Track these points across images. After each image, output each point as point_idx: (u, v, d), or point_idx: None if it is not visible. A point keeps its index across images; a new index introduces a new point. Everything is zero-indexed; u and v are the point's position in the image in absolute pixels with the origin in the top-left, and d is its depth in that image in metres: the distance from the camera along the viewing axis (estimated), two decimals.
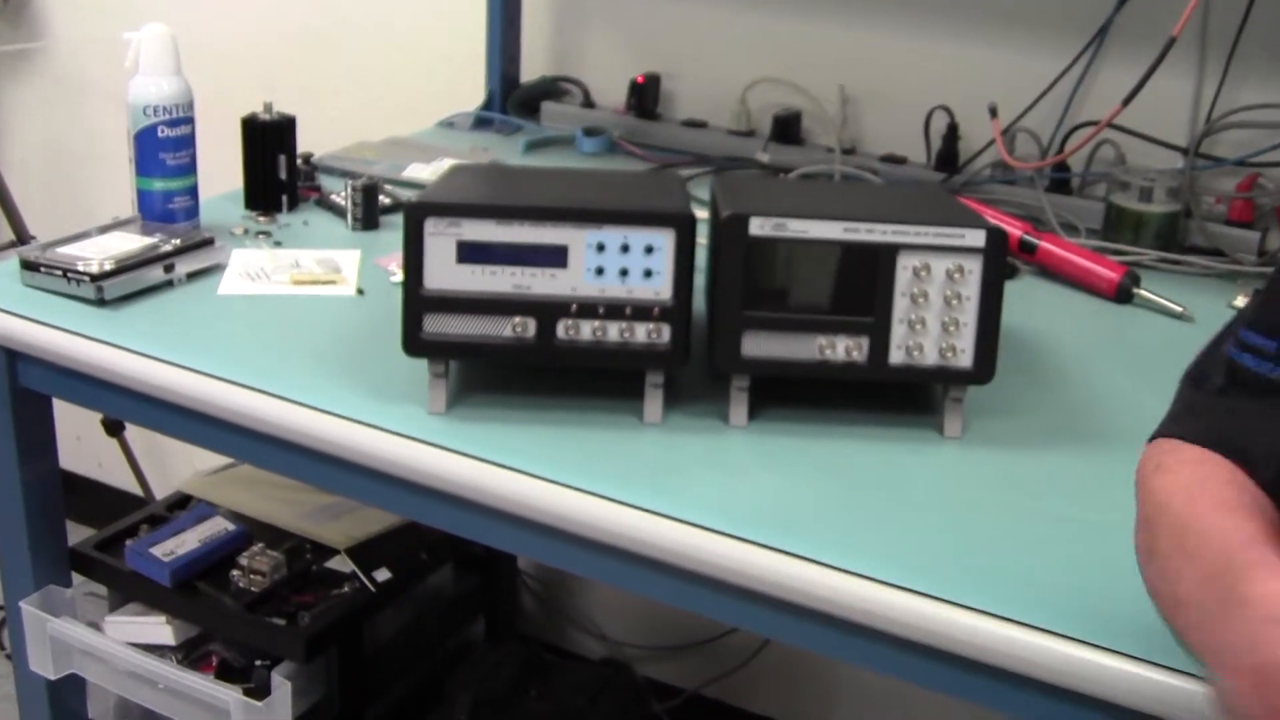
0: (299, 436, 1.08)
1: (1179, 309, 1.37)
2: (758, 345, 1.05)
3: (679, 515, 0.94)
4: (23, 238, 2.22)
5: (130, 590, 1.60)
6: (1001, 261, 1.04)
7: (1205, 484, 0.70)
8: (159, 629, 1.58)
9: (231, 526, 1.64)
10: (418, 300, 1.04)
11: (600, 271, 1.04)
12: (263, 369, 1.13)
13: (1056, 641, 0.83)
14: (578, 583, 2.19)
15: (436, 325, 1.04)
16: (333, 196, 1.56)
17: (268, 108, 1.53)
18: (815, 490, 0.99)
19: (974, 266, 1.03)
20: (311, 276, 1.34)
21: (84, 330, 1.19)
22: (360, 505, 1.68)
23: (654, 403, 1.07)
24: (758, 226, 1.03)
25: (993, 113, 1.64)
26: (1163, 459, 0.75)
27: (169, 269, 1.30)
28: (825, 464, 1.03)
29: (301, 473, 1.13)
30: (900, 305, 1.04)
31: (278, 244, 1.44)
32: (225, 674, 1.55)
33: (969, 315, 1.04)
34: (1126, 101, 1.53)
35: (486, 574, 1.91)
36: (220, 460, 1.81)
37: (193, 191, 1.42)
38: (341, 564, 1.65)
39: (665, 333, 1.04)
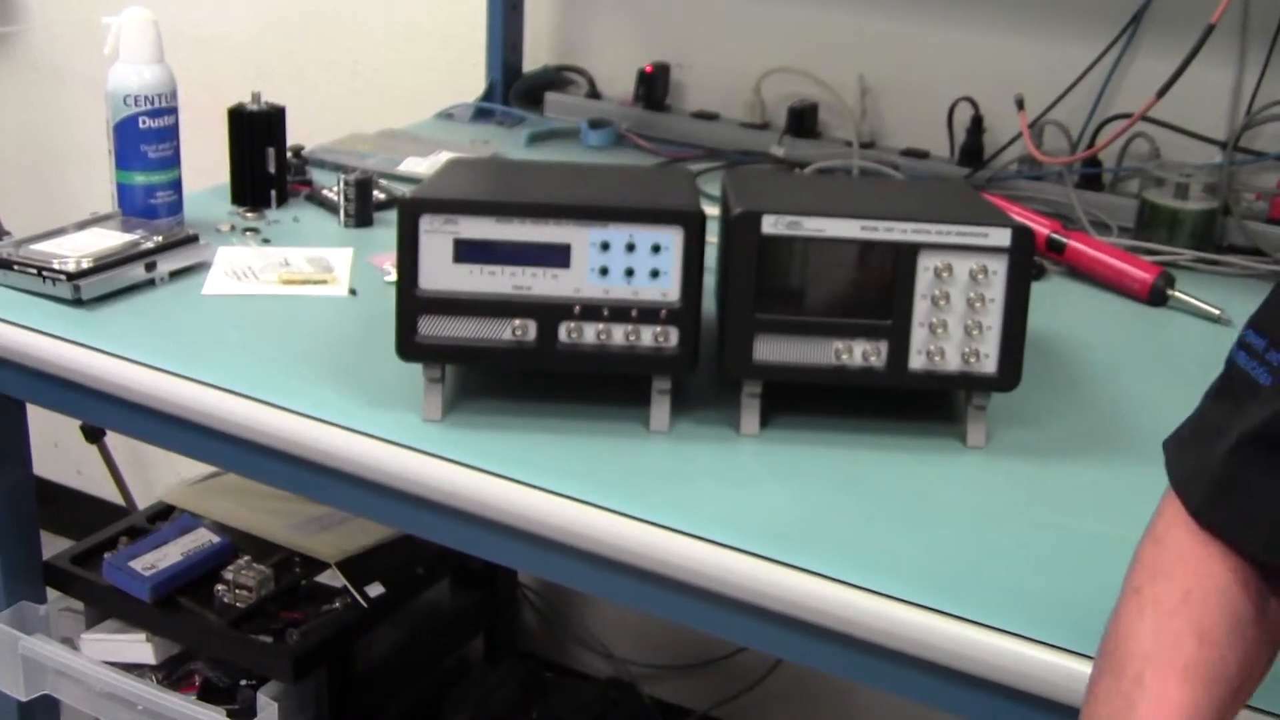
0: (288, 444, 1.08)
1: (1216, 312, 1.36)
2: (770, 350, 1.05)
3: (687, 529, 0.94)
4: None
5: (108, 606, 1.60)
6: (1028, 262, 1.03)
7: (1178, 638, 0.69)
8: (138, 647, 1.58)
9: (216, 539, 1.64)
10: (413, 301, 1.04)
11: (605, 272, 1.04)
12: (249, 373, 1.13)
13: (1084, 664, 0.83)
14: (581, 598, 2.19)
15: (432, 328, 1.04)
16: (324, 191, 1.57)
17: (256, 97, 1.53)
18: (830, 503, 0.99)
19: (999, 267, 1.03)
20: (301, 276, 1.34)
21: (60, 332, 1.20)
22: (352, 517, 1.69)
23: (661, 410, 1.07)
24: (771, 224, 1.03)
25: (1020, 104, 1.64)
26: (1163, 536, 0.75)
27: (150, 267, 1.30)
28: (841, 475, 1.03)
29: (290, 482, 1.13)
30: (921, 308, 1.04)
31: (266, 241, 1.44)
32: (208, 695, 1.56)
33: (993, 319, 1.04)
34: (1162, 93, 1.53)
35: (485, 589, 1.92)
36: (205, 469, 1.81)
37: (176, 185, 1.43)
38: (332, 578, 1.65)
39: (673, 336, 1.04)
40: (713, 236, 1.10)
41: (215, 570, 1.60)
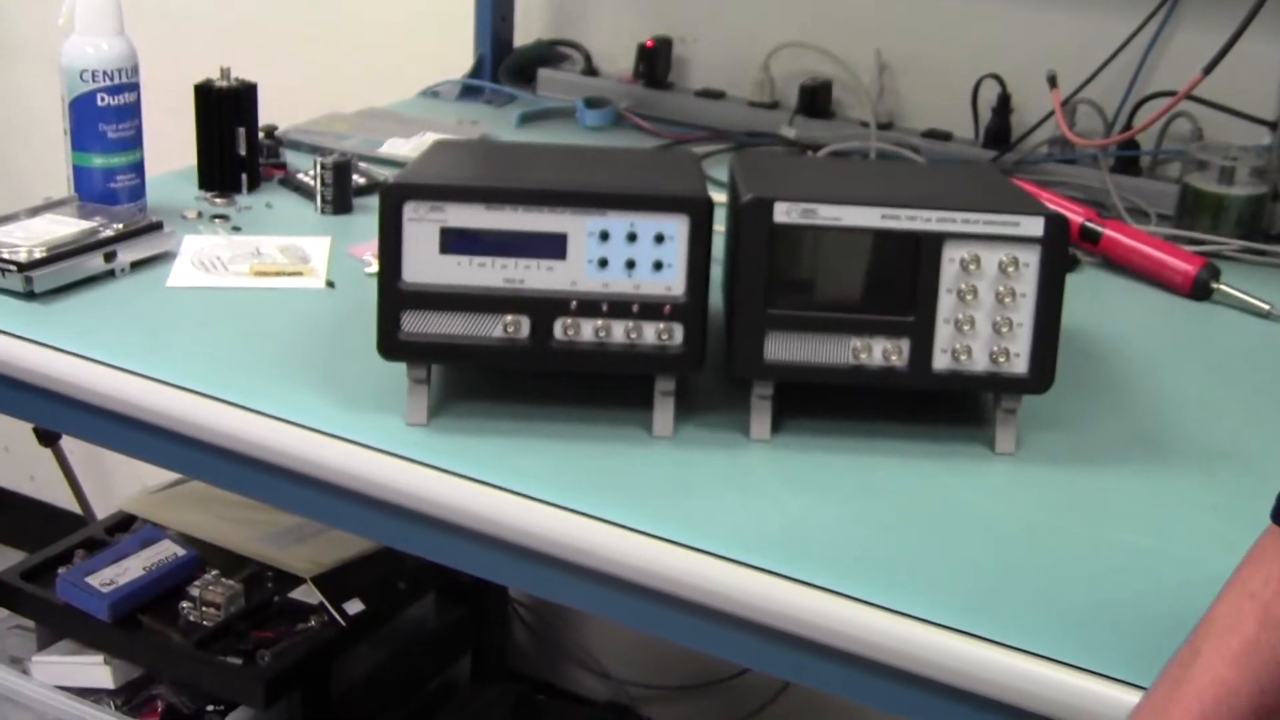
0: (259, 450, 1.08)
1: (1265, 306, 1.36)
2: (783, 348, 1.05)
3: (692, 542, 0.94)
4: None
5: (63, 625, 1.60)
6: (1062, 253, 1.03)
7: (1241, 618, 0.74)
8: (95, 670, 1.58)
9: (181, 551, 1.64)
10: (396, 295, 1.04)
11: (604, 263, 1.04)
12: (218, 373, 1.13)
13: (1125, 691, 0.83)
14: (576, 615, 2.19)
15: (417, 324, 1.04)
16: (299, 175, 1.57)
17: (225, 73, 1.53)
18: (847, 514, 0.99)
19: (1030, 259, 1.03)
20: (275, 267, 1.34)
21: (10, 328, 1.19)
22: (329, 528, 1.68)
23: (664, 413, 1.07)
24: (783, 212, 1.03)
25: (1051, 82, 1.64)
26: (1252, 578, 0.76)
27: (110, 257, 1.30)
28: (859, 484, 1.03)
29: (262, 491, 1.13)
30: (946, 303, 1.04)
31: (236, 229, 1.44)
32: None
33: (1024, 315, 1.04)
34: (1208, 69, 1.53)
35: (473, 605, 1.92)
36: (169, 476, 1.81)
37: (137, 168, 1.42)
38: (307, 594, 1.65)
39: (677, 333, 1.04)
40: (720, 225, 1.10)
41: (180, 586, 1.60)
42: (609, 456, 1.04)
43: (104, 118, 1.39)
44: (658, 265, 1.04)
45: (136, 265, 1.32)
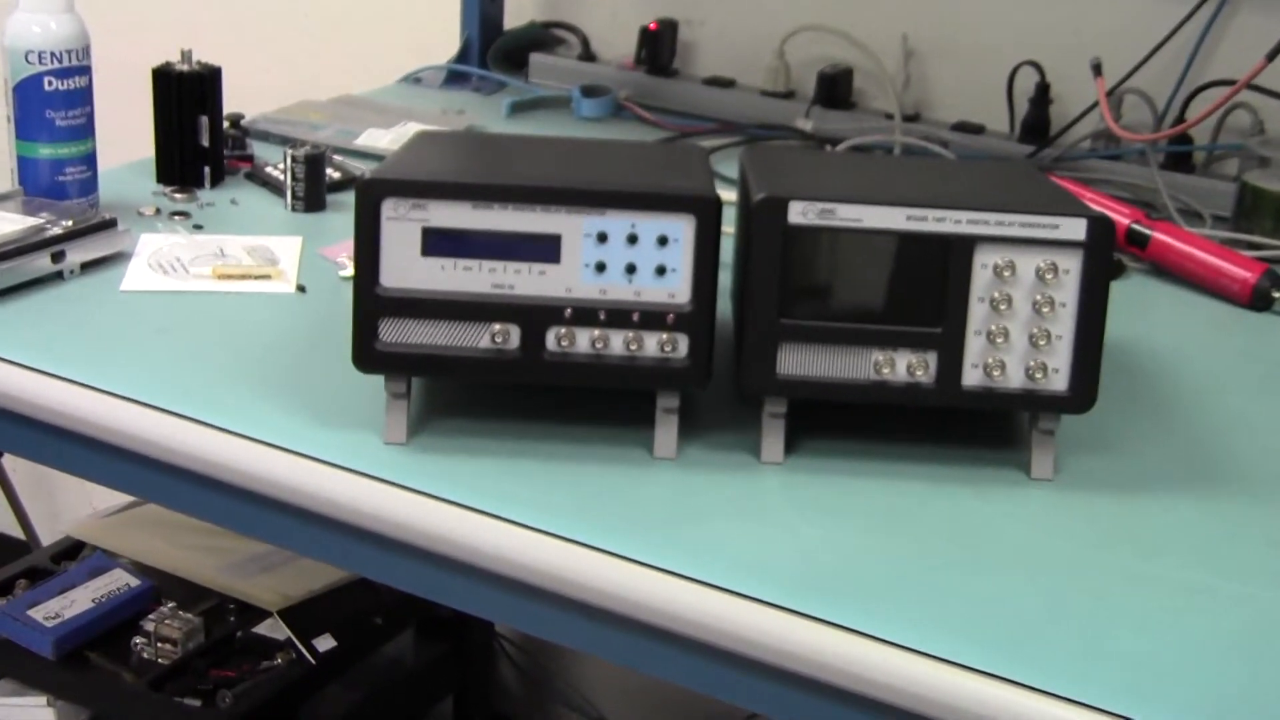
0: (222, 470, 1.08)
1: None
2: (798, 361, 1.05)
3: (696, 574, 0.94)
4: None
5: (3, 663, 1.60)
6: (1107, 258, 1.03)
7: None
8: (39, 713, 1.58)
9: (135, 582, 1.64)
10: (373, 301, 1.04)
11: (601, 268, 1.04)
12: (176, 385, 1.13)
13: None
14: (567, 653, 2.19)
15: (396, 333, 1.04)
16: (268, 169, 1.57)
17: (186, 55, 1.53)
18: (869, 545, 0.99)
19: (1072, 265, 1.03)
20: (240, 269, 1.34)
21: None
22: (297, 557, 1.68)
23: (667, 433, 1.07)
24: (799, 213, 1.03)
25: (1095, 69, 1.64)
26: None
27: (58, 258, 1.30)
28: (881, 512, 1.03)
29: (224, 515, 1.13)
30: (977, 313, 1.04)
31: (198, 228, 1.44)
32: None
33: (1064, 326, 1.04)
34: (1271, 56, 1.53)
35: (456, 642, 1.92)
36: (122, 499, 1.81)
37: (89, 160, 1.43)
38: (273, 629, 1.65)
39: (682, 345, 1.04)
40: (729, 226, 1.10)
41: (133, 620, 1.60)
42: (606, 480, 1.04)
43: (52, 103, 1.39)
44: (661, 270, 1.04)
45: (87, 267, 1.32)
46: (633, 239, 1.03)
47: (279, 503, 1.06)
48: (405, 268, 1.04)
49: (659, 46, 1.91)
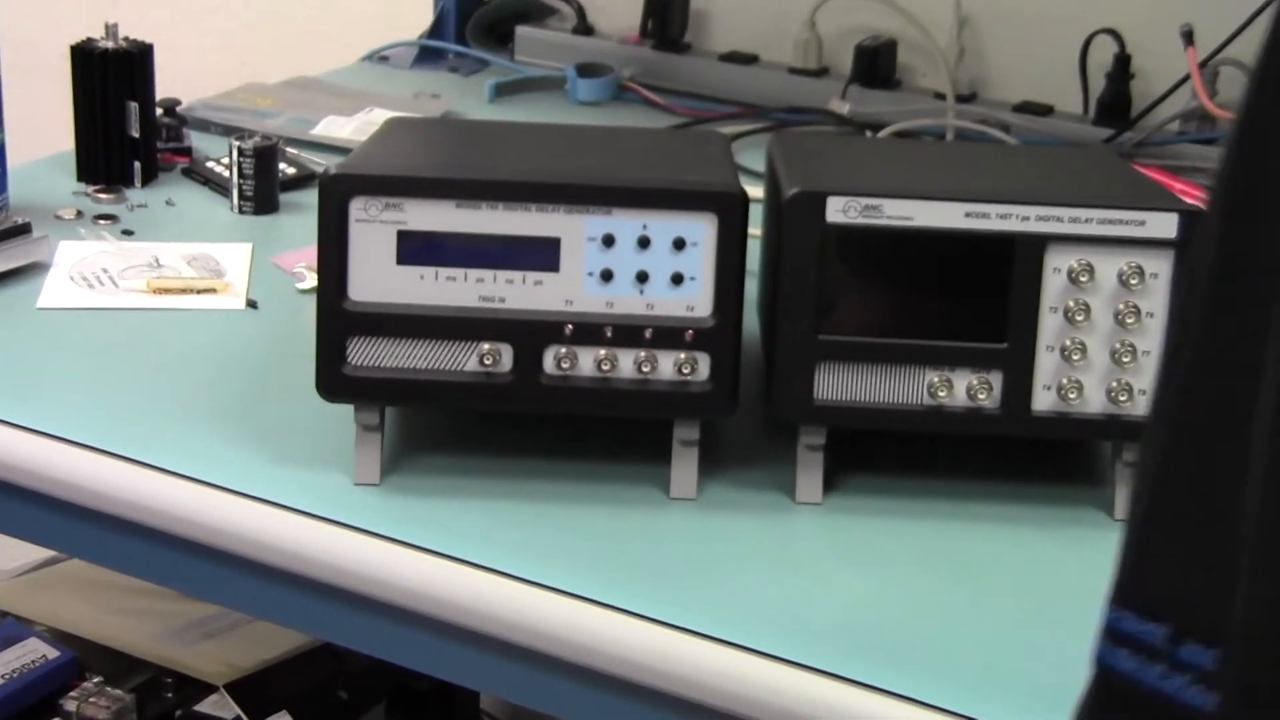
0: (158, 518, 1.08)
1: None
2: (838, 384, 1.05)
3: (721, 634, 0.94)
4: None
5: None
6: None
7: None
8: None
9: (54, 653, 1.65)
10: (340, 318, 1.04)
11: (608, 277, 1.04)
12: (104, 419, 1.13)
13: None
14: None
15: (367, 355, 1.05)
16: (209, 164, 1.57)
17: (111, 31, 1.53)
18: (921, 598, 1.00)
19: (1160, 267, 1.03)
20: (179, 282, 1.35)
21: None
22: (248, 620, 1.69)
23: (686, 469, 1.08)
24: (838, 210, 1.03)
25: (1186, 38, 1.65)
26: None
27: None
28: (938, 560, 1.03)
29: (161, 572, 1.13)
30: (1049, 325, 1.04)
31: (128, 234, 1.45)
32: None
33: (1152, 340, 1.04)
34: None
35: (436, 717, 1.92)
36: (40, 554, 1.81)
37: None
38: (219, 706, 1.65)
39: (703, 366, 1.05)
40: (755, 227, 1.10)
41: (51, 697, 1.60)
42: (614, 524, 1.05)
43: None
44: (677, 279, 1.04)
45: None
46: (644, 242, 1.04)
47: (227, 555, 1.06)
48: (377, 278, 1.04)
49: (668, 17, 1.91)
